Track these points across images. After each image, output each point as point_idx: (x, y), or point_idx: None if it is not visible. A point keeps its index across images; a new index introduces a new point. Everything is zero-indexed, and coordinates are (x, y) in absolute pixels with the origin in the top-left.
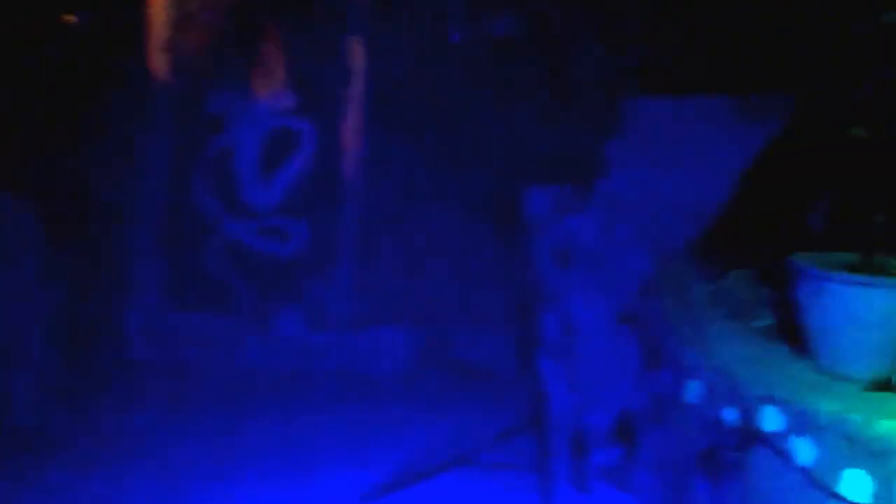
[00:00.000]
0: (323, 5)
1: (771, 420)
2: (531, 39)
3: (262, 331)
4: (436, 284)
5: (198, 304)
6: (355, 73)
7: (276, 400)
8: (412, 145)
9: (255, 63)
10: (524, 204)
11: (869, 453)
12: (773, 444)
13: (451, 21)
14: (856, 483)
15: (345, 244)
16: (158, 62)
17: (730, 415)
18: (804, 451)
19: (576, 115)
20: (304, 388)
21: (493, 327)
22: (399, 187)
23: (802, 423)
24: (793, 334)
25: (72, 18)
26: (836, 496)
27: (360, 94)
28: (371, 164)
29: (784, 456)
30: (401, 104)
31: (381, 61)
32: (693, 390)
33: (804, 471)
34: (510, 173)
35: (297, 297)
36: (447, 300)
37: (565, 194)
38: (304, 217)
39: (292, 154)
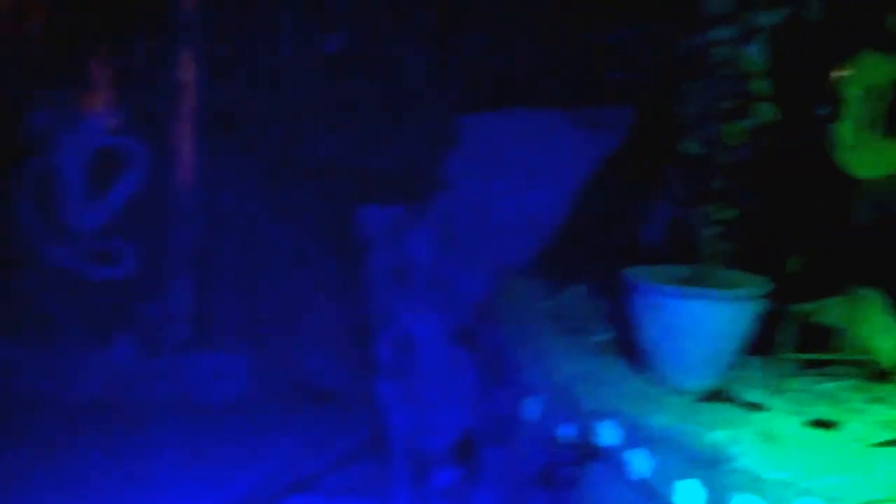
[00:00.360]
0: (151, 19)
1: (607, 434)
2: (365, 55)
3: (92, 359)
4: (276, 306)
5: (22, 333)
6: (187, 89)
7: (108, 432)
8: (248, 163)
9: (80, 79)
10: (360, 222)
11: (701, 463)
12: (610, 458)
13: (284, 37)
14: (689, 493)
15: (179, 265)
16: None
17: (567, 431)
18: (639, 463)
19: (412, 131)
20: (137, 417)
21: (335, 349)
22: (235, 206)
23: (637, 436)
24: (629, 348)
25: None
26: None
27: (192, 110)
28: (206, 182)
29: (620, 469)
30: (235, 121)
31: (213, 77)
32: (531, 407)
33: (640, 483)
34: (348, 191)
35: (129, 322)
36: (288, 322)
37: (401, 212)
38: (136, 238)
39: (121, 173)
